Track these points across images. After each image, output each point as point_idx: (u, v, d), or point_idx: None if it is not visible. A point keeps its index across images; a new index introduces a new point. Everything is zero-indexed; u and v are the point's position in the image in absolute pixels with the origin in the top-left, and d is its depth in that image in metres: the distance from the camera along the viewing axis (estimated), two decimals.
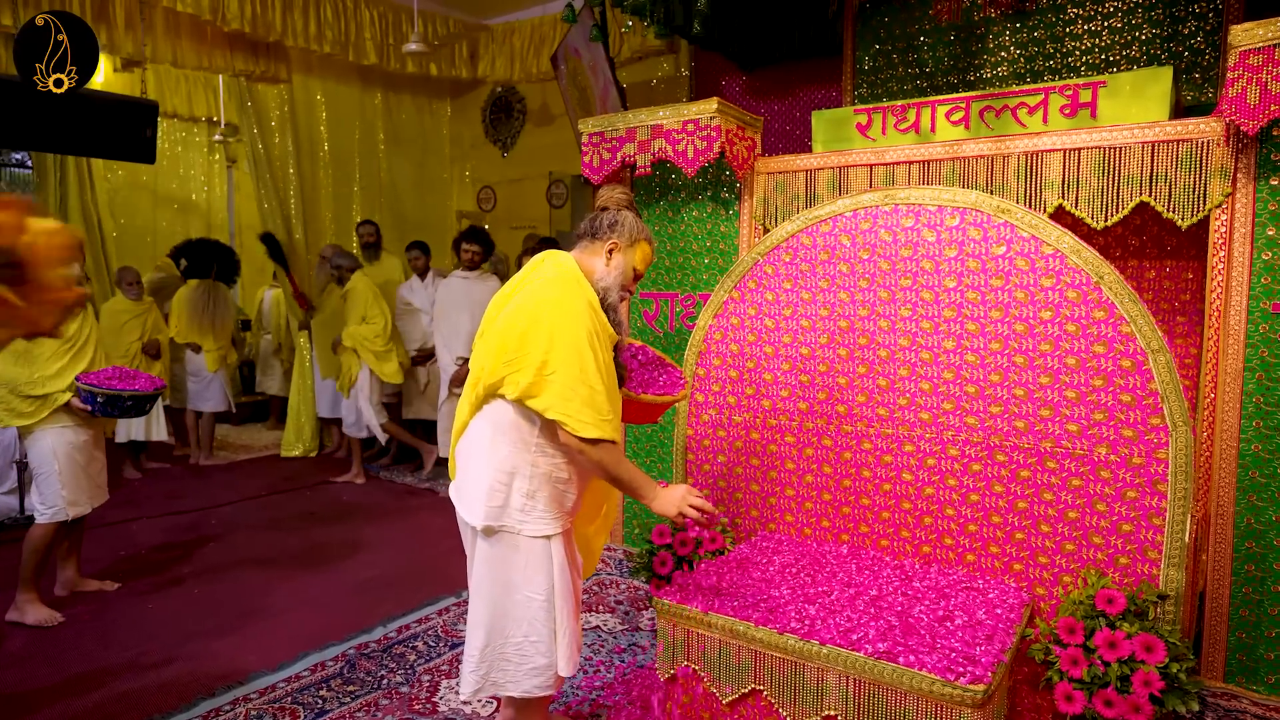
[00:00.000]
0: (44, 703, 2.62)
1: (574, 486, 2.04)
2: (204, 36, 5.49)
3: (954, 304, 2.44)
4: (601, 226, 2.11)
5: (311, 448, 6.37)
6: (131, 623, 3.25)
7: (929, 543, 2.51)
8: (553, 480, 1.98)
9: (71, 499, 3.26)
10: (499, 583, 1.97)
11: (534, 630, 1.97)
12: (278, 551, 4.12)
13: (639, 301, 3.86)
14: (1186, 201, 2.60)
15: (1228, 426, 2.58)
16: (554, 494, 1.99)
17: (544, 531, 1.97)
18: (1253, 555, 2.58)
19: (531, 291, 1.97)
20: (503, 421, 1.97)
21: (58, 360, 3.24)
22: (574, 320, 1.91)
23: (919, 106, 3.23)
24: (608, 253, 2.08)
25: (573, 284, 1.98)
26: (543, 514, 1.97)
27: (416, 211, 7.57)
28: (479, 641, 1.99)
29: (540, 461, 1.96)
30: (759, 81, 5.09)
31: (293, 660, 2.87)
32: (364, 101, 7.15)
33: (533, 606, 1.96)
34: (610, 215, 2.12)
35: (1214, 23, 3.41)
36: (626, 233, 2.10)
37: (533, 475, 1.96)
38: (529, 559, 1.96)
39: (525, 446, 1.96)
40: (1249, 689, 2.59)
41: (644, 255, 2.13)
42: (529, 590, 1.96)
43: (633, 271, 2.11)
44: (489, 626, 1.98)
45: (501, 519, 1.95)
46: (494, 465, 1.96)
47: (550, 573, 1.97)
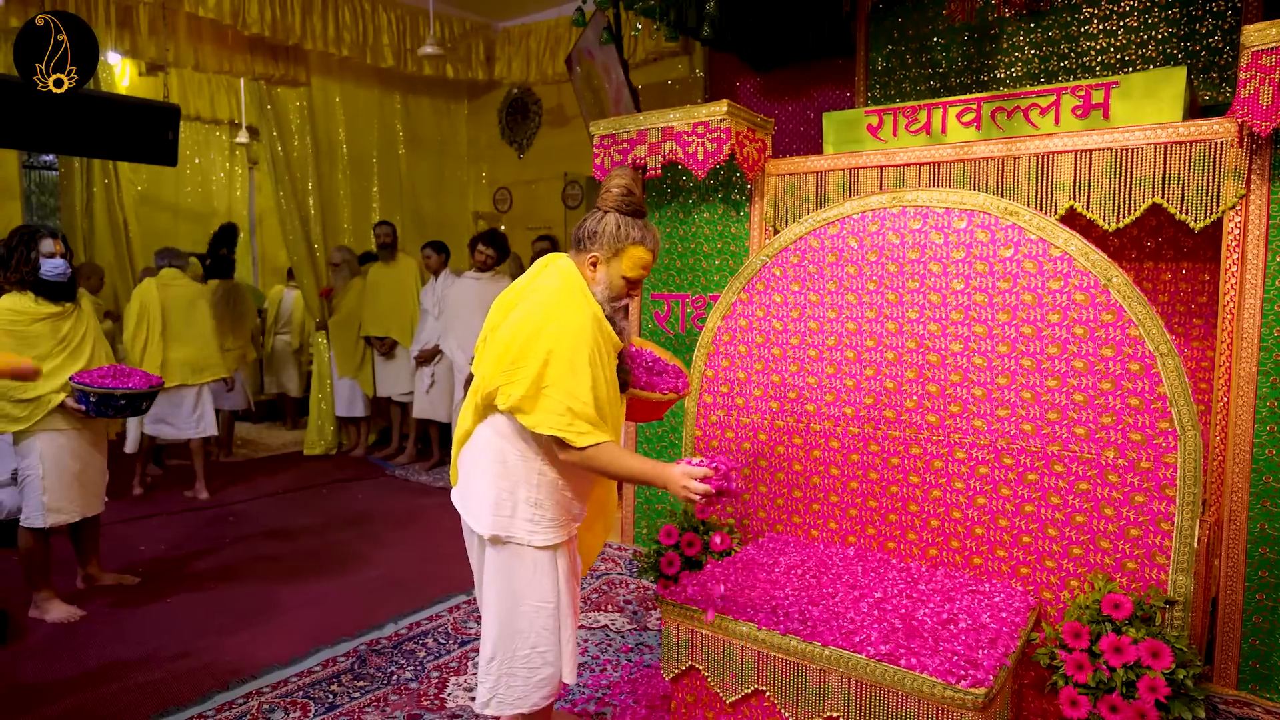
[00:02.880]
0: (63, 694, 2.68)
1: (579, 494, 2.02)
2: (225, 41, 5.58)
3: (961, 306, 2.43)
4: (583, 237, 1.97)
5: (331, 446, 6.44)
6: (148, 617, 3.31)
7: (936, 545, 2.51)
8: (558, 489, 1.96)
9: (53, 505, 3.18)
10: (508, 593, 1.95)
11: (542, 640, 1.95)
12: (292, 549, 4.18)
13: (650, 302, 3.87)
14: (1200, 203, 2.58)
15: (1241, 431, 2.55)
16: (560, 502, 1.96)
17: (551, 541, 1.95)
18: (1266, 561, 2.55)
19: (537, 302, 1.91)
20: (508, 430, 1.94)
21: (51, 360, 3.16)
22: (576, 338, 1.85)
23: (930, 108, 3.22)
24: (590, 264, 1.96)
25: (578, 296, 1.91)
26: (550, 523, 1.95)
27: (434, 212, 7.64)
28: (487, 653, 1.98)
29: (546, 470, 1.94)
30: (773, 82, 5.09)
31: (305, 655, 2.92)
32: (382, 103, 7.22)
33: (542, 616, 1.95)
34: (592, 223, 1.96)
35: (1231, 21, 3.37)
36: (607, 243, 1.93)
37: (540, 484, 1.93)
38: (536, 568, 1.94)
39: (531, 456, 1.93)
40: (1262, 696, 2.56)
41: (634, 260, 1.95)
42: (537, 600, 1.95)
43: (621, 281, 1.96)
44: (496, 638, 1.96)
45: (510, 529, 1.93)
46: (500, 475, 1.94)
47: (557, 582, 1.96)
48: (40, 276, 3.18)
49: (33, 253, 3.17)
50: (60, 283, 3.23)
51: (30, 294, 3.18)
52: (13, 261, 3.16)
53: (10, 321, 3.12)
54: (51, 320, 3.22)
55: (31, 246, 3.17)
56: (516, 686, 1.96)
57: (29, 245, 3.17)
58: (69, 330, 3.26)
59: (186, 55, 5.42)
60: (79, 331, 3.30)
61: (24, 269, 3.16)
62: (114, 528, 4.28)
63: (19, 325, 3.14)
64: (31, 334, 3.15)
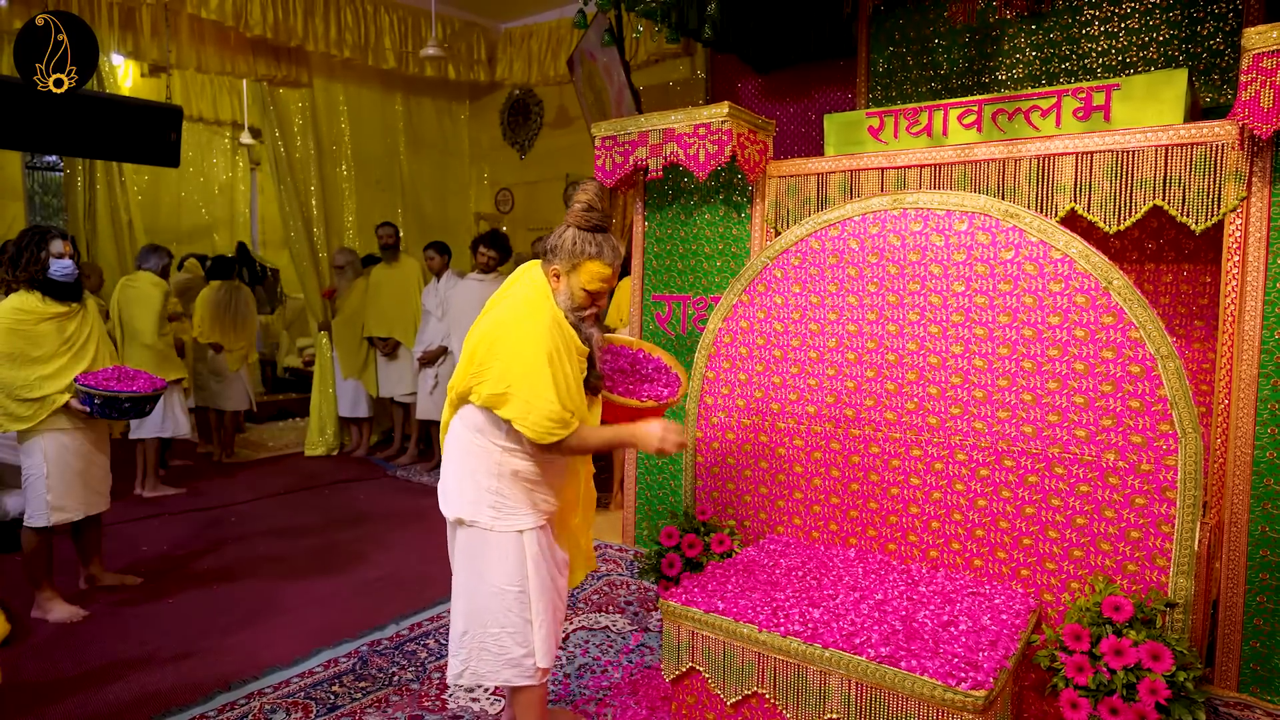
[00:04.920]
0: (65, 693, 2.69)
1: (546, 482, 2.14)
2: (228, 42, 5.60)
3: (962, 308, 2.43)
4: (547, 250, 2.09)
5: (333, 446, 6.45)
6: (151, 618, 3.32)
7: (936, 547, 2.51)
8: (522, 477, 2.09)
9: (56, 504, 3.20)
10: (474, 574, 2.11)
11: (509, 622, 2.08)
12: (294, 549, 4.19)
13: (651, 304, 3.88)
14: (1200, 206, 2.58)
15: (1242, 433, 2.55)
16: (524, 490, 2.10)
17: (516, 526, 2.08)
18: (1267, 564, 2.55)
19: (506, 308, 2.08)
20: (475, 422, 2.10)
21: (57, 360, 3.21)
22: (535, 341, 1.98)
23: (930, 110, 3.22)
24: (554, 276, 2.09)
25: (540, 302, 2.05)
26: (514, 509, 2.08)
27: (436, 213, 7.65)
28: (459, 628, 2.14)
29: (507, 460, 2.08)
30: (774, 84, 5.10)
31: (307, 656, 2.92)
32: (384, 105, 7.24)
33: (506, 598, 2.07)
34: (554, 238, 2.08)
35: (1233, 23, 3.37)
36: (565, 257, 2.05)
37: (500, 473, 2.08)
38: (501, 552, 2.07)
39: (494, 446, 2.08)
40: (1263, 699, 2.56)
41: (591, 274, 2.05)
42: (502, 582, 2.07)
43: (582, 293, 2.07)
44: (467, 615, 2.12)
45: (475, 514, 2.08)
46: (465, 462, 2.11)
47: (523, 566, 2.08)
48: (48, 276, 3.22)
49: (42, 253, 3.21)
50: (67, 283, 3.27)
51: (38, 294, 3.22)
52: (22, 261, 3.21)
53: (17, 320, 3.16)
54: (57, 320, 3.25)
55: (41, 247, 3.21)
56: (487, 661, 2.10)
57: (38, 245, 3.22)
58: (74, 330, 3.30)
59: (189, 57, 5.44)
60: (84, 332, 3.33)
61: (33, 268, 3.20)
62: (116, 528, 4.29)
63: (25, 324, 3.17)
64: (37, 333, 3.19)
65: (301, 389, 7.76)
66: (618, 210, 6.66)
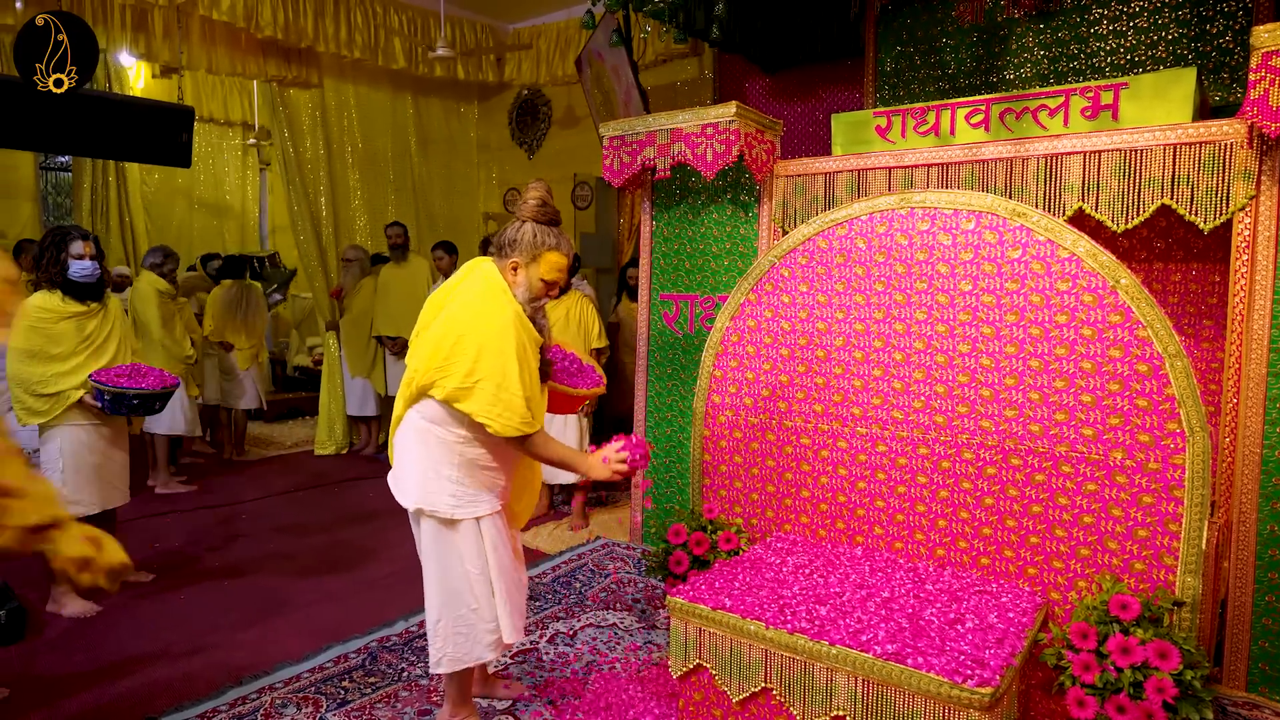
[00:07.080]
0: (79, 688, 2.72)
1: (501, 471, 2.28)
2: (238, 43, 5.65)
3: (969, 307, 2.44)
4: (504, 244, 2.20)
5: (342, 445, 6.49)
6: (163, 613, 3.35)
7: (943, 546, 2.51)
8: (479, 467, 2.21)
9: (72, 498, 3.24)
10: (441, 562, 2.22)
11: (478, 601, 2.21)
12: (304, 546, 4.22)
13: (659, 303, 3.89)
14: (1209, 205, 2.57)
15: (1250, 432, 2.54)
16: (482, 479, 2.23)
17: (475, 513, 2.21)
18: (1276, 563, 2.54)
19: (463, 303, 2.15)
20: (434, 415, 2.19)
21: (75, 358, 3.28)
22: (501, 335, 2.09)
23: (938, 109, 3.23)
24: (512, 269, 2.19)
25: (500, 297, 2.14)
26: (473, 497, 2.21)
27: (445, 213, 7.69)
28: (433, 617, 2.24)
29: (466, 451, 2.19)
30: (781, 84, 5.10)
31: (317, 651, 2.95)
32: (394, 105, 7.27)
33: (471, 580, 2.21)
34: (511, 232, 2.19)
35: (1242, 22, 3.36)
36: (525, 249, 2.17)
37: (460, 464, 2.19)
38: (464, 538, 2.20)
39: (452, 438, 2.18)
40: (1272, 698, 2.56)
41: (550, 264, 2.18)
42: (467, 566, 2.21)
43: (540, 283, 2.20)
44: (439, 604, 2.22)
45: (434, 504, 2.18)
46: (424, 454, 2.20)
47: (484, 550, 2.22)
48: (68, 277, 3.31)
49: (62, 254, 3.30)
50: (87, 283, 3.35)
51: (58, 293, 3.31)
52: (44, 261, 3.31)
53: (38, 319, 3.25)
54: (77, 319, 3.33)
55: (61, 248, 3.31)
56: (462, 644, 2.23)
57: (59, 246, 3.31)
58: (94, 329, 3.37)
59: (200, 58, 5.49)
60: (104, 331, 3.41)
61: (53, 269, 3.30)
62: (129, 524, 4.33)
63: (45, 322, 3.26)
64: (57, 331, 3.28)
65: (311, 388, 7.80)
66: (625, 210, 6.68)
